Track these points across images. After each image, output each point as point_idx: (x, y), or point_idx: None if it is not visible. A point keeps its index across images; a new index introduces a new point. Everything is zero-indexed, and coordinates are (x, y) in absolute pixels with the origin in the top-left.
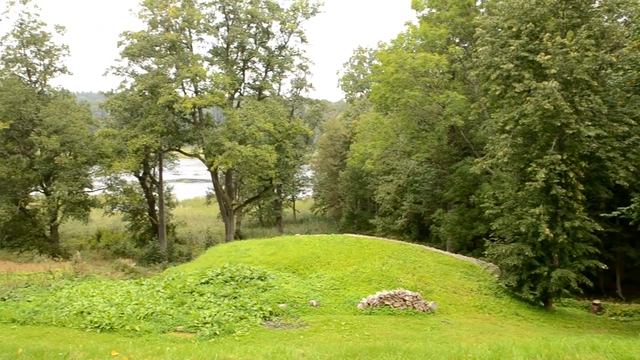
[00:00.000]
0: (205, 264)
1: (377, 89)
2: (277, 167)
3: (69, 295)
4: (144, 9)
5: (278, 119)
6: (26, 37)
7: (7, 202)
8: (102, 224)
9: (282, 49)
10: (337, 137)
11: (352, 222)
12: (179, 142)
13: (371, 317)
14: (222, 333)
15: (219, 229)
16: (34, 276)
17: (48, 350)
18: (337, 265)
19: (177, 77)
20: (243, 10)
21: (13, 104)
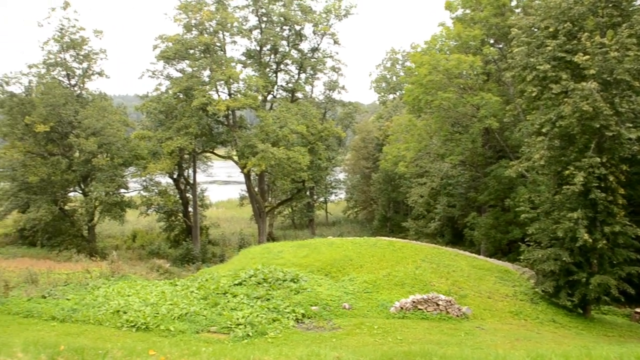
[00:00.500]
0: (239, 266)
1: (410, 90)
2: (309, 170)
3: (105, 295)
4: (179, 12)
5: (311, 121)
6: (66, 41)
7: (47, 202)
8: (138, 224)
9: (315, 51)
10: (369, 139)
11: (385, 225)
12: (212, 144)
13: (404, 321)
14: (254, 334)
15: (252, 230)
16: (72, 275)
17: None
18: (369, 269)
19: (211, 80)
20: (276, 12)
21: (53, 107)
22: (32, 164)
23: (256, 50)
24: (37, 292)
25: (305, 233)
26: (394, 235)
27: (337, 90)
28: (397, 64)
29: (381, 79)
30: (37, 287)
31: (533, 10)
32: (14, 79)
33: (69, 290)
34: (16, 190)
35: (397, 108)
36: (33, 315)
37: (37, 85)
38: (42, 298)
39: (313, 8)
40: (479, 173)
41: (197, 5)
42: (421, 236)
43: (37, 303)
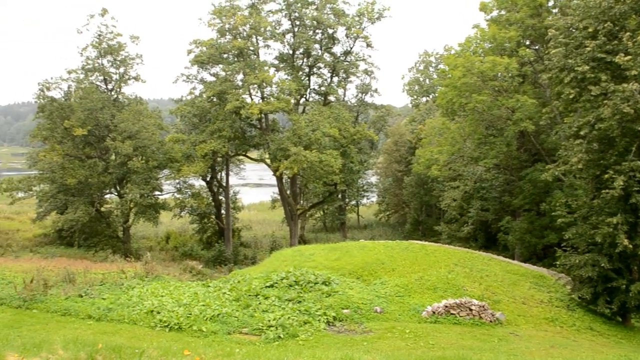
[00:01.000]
0: (270, 268)
1: (443, 93)
2: (341, 173)
3: (140, 295)
4: (213, 17)
5: (343, 124)
6: (104, 47)
7: (84, 204)
8: (171, 226)
9: (348, 54)
10: (402, 142)
11: (417, 229)
12: (245, 147)
13: (436, 325)
14: (286, 337)
15: (283, 233)
16: (108, 275)
17: (125, 347)
18: (401, 272)
19: (244, 84)
20: (309, 16)
21: (91, 111)
22: (71, 166)
23: (289, 54)
24: (74, 291)
25: (336, 236)
26: (426, 239)
27: (369, 93)
28: (430, 67)
29: (414, 81)
30: (74, 286)
31: (571, 10)
32: (54, 84)
33: (104, 290)
34: (55, 192)
35: (430, 111)
36: (70, 314)
37: (75, 90)
38: (79, 297)
39: (346, 11)
40: (514, 177)
41: (231, 10)
42: (454, 240)
43: (74, 302)
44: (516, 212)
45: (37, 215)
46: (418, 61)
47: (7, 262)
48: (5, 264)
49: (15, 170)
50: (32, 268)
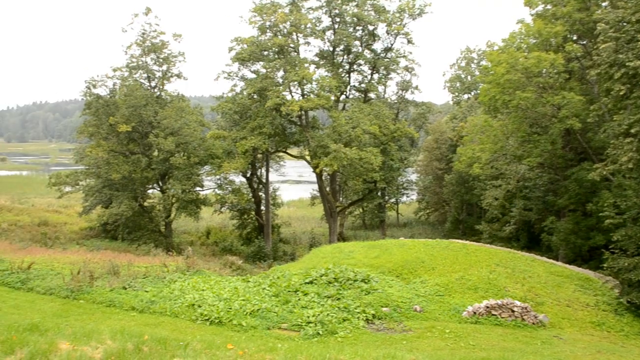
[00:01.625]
0: (310, 265)
1: (486, 90)
2: (381, 170)
3: (181, 288)
4: (254, 15)
5: (383, 121)
6: (147, 45)
7: (128, 198)
8: (211, 221)
9: (388, 51)
10: (443, 140)
11: (457, 228)
12: (285, 144)
13: (477, 326)
14: (324, 333)
15: (323, 230)
16: (150, 268)
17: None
18: (442, 271)
19: (285, 81)
20: (349, 13)
21: (135, 108)
22: (115, 162)
23: (329, 51)
24: (118, 283)
25: (375, 234)
26: (466, 238)
27: (410, 90)
28: (472, 63)
29: (455, 78)
30: (119, 279)
31: (622, 3)
32: (100, 82)
33: (147, 283)
34: (100, 186)
35: (471, 108)
36: (115, 305)
37: (120, 87)
38: (122, 289)
39: (387, 8)
40: (559, 176)
41: (272, 7)
42: (495, 240)
43: (118, 294)
44: (561, 212)
45: (83, 209)
46: (459, 58)
47: (56, 254)
48: (54, 256)
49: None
50: (79, 260)
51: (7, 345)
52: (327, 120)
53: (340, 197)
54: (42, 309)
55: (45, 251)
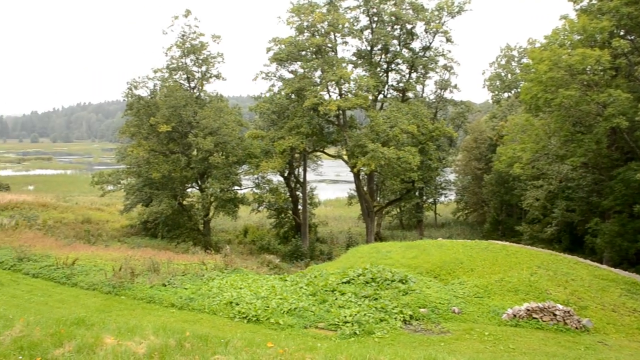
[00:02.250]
0: (347, 264)
1: (527, 88)
2: (419, 170)
3: (219, 286)
4: (292, 15)
5: (422, 120)
6: (187, 47)
7: (167, 197)
8: (249, 220)
9: (427, 49)
10: (482, 139)
11: (497, 229)
12: (323, 144)
13: (517, 329)
14: (362, 333)
15: (359, 230)
16: (189, 266)
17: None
18: (481, 273)
19: (322, 81)
20: (387, 12)
21: (175, 108)
22: (155, 161)
23: (367, 50)
24: (158, 280)
25: (413, 234)
26: (506, 239)
27: (449, 89)
28: (512, 61)
29: (495, 77)
30: (158, 276)
31: None
32: (141, 83)
33: (186, 280)
34: (141, 185)
35: (512, 107)
36: (155, 301)
37: (160, 88)
38: (162, 286)
39: (425, 6)
40: (604, 176)
41: (309, 7)
42: (536, 241)
43: (158, 290)
44: (606, 214)
45: (124, 207)
46: (500, 55)
47: (99, 251)
48: (97, 252)
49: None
50: (120, 257)
51: (56, 338)
52: (364, 119)
53: (377, 197)
54: (85, 303)
55: (89, 248)
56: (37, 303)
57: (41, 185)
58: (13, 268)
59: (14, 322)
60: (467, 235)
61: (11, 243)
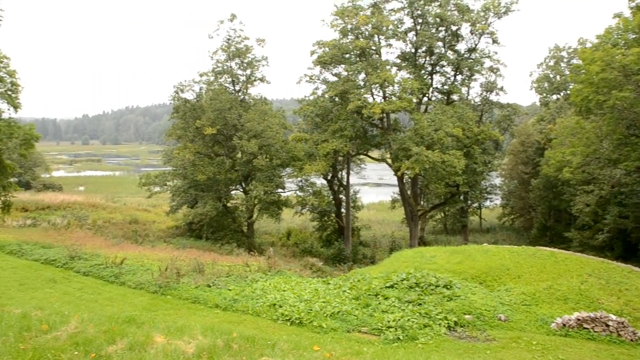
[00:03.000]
0: (390, 268)
1: (578, 90)
2: (464, 174)
3: (263, 288)
4: (336, 18)
5: (467, 123)
6: (232, 51)
7: (212, 199)
8: (292, 223)
9: (472, 51)
10: (529, 143)
11: (544, 235)
12: (366, 147)
13: (566, 339)
14: (405, 338)
15: (403, 234)
16: (233, 267)
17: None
18: (528, 280)
19: (366, 83)
20: (432, 14)
21: (220, 111)
22: (201, 163)
23: (411, 53)
24: (203, 281)
25: (457, 239)
26: (554, 245)
27: (495, 92)
28: (561, 62)
29: (543, 78)
30: (203, 277)
31: None
32: (188, 86)
33: (230, 282)
34: (186, 187)
35: (561, 109)
36: (199, 302)
37: (206, 91)
38: (207, 287)
39: (471, 7)
40: None
41: (353, 10)
42: (586, 248)
43: (203, 291)
44: None
45: (170, 209)
46: (548, 56)
47: (145, 251)
48: (144, 252)
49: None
50: (166, 257)
51: (109, 335)
52: (408, 122)
53: (421, 201)
54: (133, 302)
55: (136, 247)
56: (87, 300)
57: (91, 186)
58: (65, 266)
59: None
60: (513, 241)
61: (63, 242)
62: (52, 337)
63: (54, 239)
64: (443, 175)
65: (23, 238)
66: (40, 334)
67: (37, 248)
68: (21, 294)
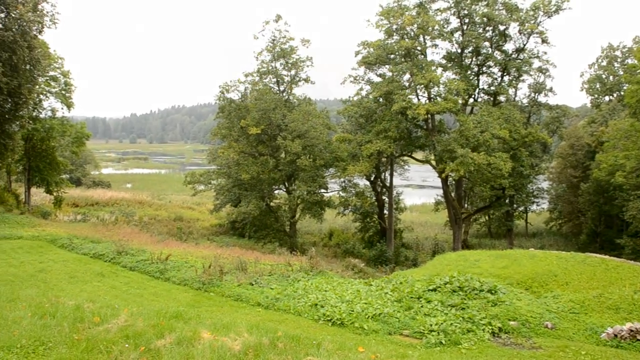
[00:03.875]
0: (433, 271)
1: (633, 91)
2: (510, 177)
3: (305, 288)
4: (381, 19)
5: (514, 125)
6: (277, 51)
7: (256, 198)
8: (334, 223)
9: (520, 51)
10: (579, 145)
11: (594, 241)
12: (410, 148)
13: (618, 350)
14: (447, 343)
15: (446, 237)
16: (275, 266)
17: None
18: (576, 287)
19: (411, 84)
20: (479, 13)
21: (265, 111)
22: (245, 163)
23: (457, 53)
24: (245, 279)
25: (502, 243)
26: (604, 252)
27: (543, 93)
28: (615, 62)
29: (595, 79)
30: (246, 275)
31: None
32: (233, 87)
33: (272, 280)
34: (230, 186)
35: (613, 111)
36: (242, 300)
37: (251, 91)
38: (249, 285)
39: (519, 6)
40: None
41: (399, 10)
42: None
43: (245, 289)
44: None
45: (214, 207)
46: (601, 56)
47: (189, 248)
48: (188, 249)
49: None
50: (210, 255)
51: (157, 329)
52: (453, 124)
53: (465, 204)
54: (177, 298)
55: (180, 245)
56: (133, 295)
57: (138, 183)
58: (113, 260)
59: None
60: (561, 246)
61: (111, 237)
62: (103, 329)
63: (103, 234)
64: (488, 178)
65: (73, 232)
66: (92, 325)
67: (87, 242)
68: (71, 286)
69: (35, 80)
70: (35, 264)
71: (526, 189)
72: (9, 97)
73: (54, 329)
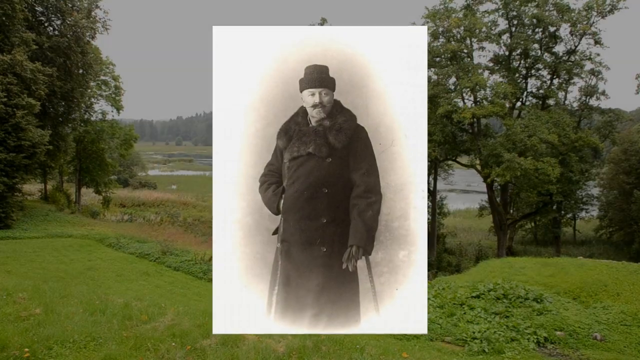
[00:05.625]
0: (477, 278)
1: None
2: (559, 182)
3: None
4: (426, 21)
5: (563, 130)
6: None
7: None
8: None
9: (571, 53)
10: (633, 151)
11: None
12: (455, 152)
13: None
14: (490, 351)
15: (490, 243)
16: None
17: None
18: (628, 298)
19: (457, 87)
20: (528, 14)
21: None
22: None
23: (505, 56)
24: None
25: (548, 250)
26: None
27: (595, 96)
28: None
29: None
30: None
31: None
32: None
33: None
34: None
35: None
36: None
37: None
38: None
39: (571, 6)
40: None
41: (445, 13)
42: None
43: None
44: None
45: None
46: None
47: None
48: None
49: None
50: None
51: (203, 329)
52: (500, 128)
53: (510, 209)
54: None
55: None
56: (177, 294)
57: (183, 185)
58: (158, 260)
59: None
60: (611, 255)
61: (156, 237)
62: (151, 327)
63: (148, 234)
64: (535, 184)
65: (120, 232)
66: (140, 323)
67: (133, 242)
68: (118, 285)
69: (87, 84)
70: (85, 262)
71: (575, 195)
72: (62, 101)
73: (104, 326)
